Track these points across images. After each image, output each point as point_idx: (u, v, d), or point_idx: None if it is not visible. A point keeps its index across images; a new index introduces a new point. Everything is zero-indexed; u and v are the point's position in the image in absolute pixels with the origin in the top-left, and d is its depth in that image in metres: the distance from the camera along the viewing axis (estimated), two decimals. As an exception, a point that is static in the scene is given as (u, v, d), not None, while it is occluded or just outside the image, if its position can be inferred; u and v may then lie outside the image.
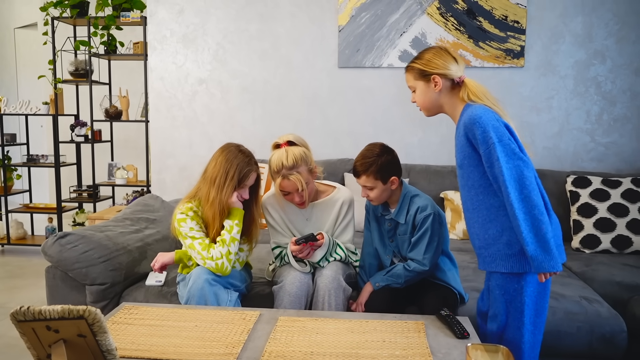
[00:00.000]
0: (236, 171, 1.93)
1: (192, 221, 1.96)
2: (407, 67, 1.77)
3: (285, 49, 3.51)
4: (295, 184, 1.98)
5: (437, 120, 3.39)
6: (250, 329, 1.60)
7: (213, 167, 1.96)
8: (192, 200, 2.03)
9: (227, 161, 1.94)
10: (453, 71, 1.68)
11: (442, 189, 3.13)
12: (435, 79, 1.68)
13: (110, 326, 1.61)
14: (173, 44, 3.61)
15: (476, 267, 2.45)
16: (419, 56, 1.74)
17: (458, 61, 1.70)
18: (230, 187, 1.93)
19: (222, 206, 1.94)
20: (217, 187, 1.92)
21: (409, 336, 1.55)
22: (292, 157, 1.97)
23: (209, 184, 1.95)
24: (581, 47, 3.25)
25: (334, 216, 2.14)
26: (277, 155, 2.00)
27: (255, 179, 2.02)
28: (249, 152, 2.02)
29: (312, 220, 2.15)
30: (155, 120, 3.70)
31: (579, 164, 3.31)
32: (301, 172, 1.99)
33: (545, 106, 3.32)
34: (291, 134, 2.08)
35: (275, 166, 1.99)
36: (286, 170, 1.97)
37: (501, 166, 1.49)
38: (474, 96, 1.65)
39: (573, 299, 2.07)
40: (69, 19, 4.30)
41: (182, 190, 3.65)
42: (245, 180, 1.96)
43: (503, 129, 1.55)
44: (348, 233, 2.16)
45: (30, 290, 3.47)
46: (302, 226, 2.15)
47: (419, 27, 3.34)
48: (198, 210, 2.01)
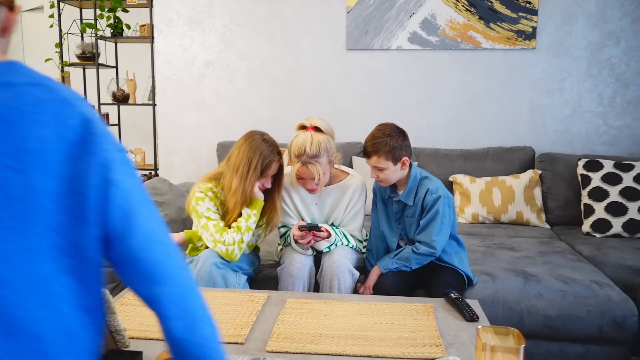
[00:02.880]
0: (259, 160, 1.91)
1: (210, 202, 1.95)
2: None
3: (293, 31, 3.47)
4: (312, 173, 1.94)
5: (446, 104, 3.36)
6: (259, 311, 1.60)
7: (236, 155, 1.94)
8: (213, 181, 2.01)
9: (251, 150, 1.92)
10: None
11: (451, 173, 3.10)
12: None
13: (119, 307, 1.61)
14: (180, 26, 3.58)
15: (486, 251, 2.44)
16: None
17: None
18: (253, 177, 1.92)
19: (245, 196, 1.93)
20: (240, 176, 1.91)
21: (417, 318, 1.54)
22: (316, 146, 1.91)
23: (232, 171, 1.94)
24: (595, 28, 3.19)
25: (345, 203, 2.10)
26: (302, 139, 1.93)
27: (277, 168, 2.00)
28: (273, 140, 1.99)
29: (321, 205, 2.13)
30: (162, 103, 3.68)
31: (590, 147, 3.27)
32: (321, 163, 1.94)
33: (556, 88, 3.27)
34: (320, 119, 2.00)
35: (297, 150, 1.93)
36: (307, 157, 1.92)
37: None
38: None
39: (583, 282, 2.05)
40: (75, 1, 4.27)
41: (190, 174, 3.65)
42: (267, 170, 1.94)
43: None
44: (357, 220, 2.13)
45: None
46: (311, 210, 2.14)
47: (429, 8, 3.28)
48: (217, 192, 2.00)
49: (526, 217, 2.93)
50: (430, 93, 3.36)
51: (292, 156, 1.97)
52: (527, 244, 2.57)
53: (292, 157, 1.97)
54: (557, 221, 3.00)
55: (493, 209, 2.94)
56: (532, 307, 2.00)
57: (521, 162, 3.09)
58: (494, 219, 2.96)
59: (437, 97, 3.36)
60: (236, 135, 3.54)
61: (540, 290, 2.02)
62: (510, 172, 3.07)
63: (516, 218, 2.94)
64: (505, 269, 2.18)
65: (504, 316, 2.00)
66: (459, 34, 3.28)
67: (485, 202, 2.95)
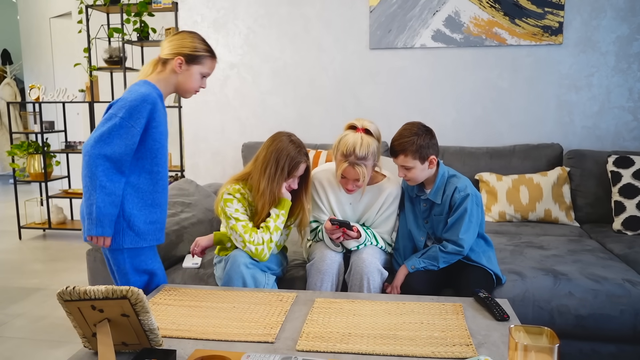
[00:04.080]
0: (287, 161, 1.93)
1: (238, 203, 1.97)
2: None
3: (316, 32, 3.48)
4: (358, 174, 1.94)
5: (471, 101, 3.33)
6: (288, 310, 1.61)
7: (264, 156, 1.97)
8: (240, 182, 2.03)
9: (278, 151, 1.94)
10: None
11: (477, 171, 3.07)
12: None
13: (151, 307, 1.64)
14: (204, 28, 3.62)
15: (514, 249, 2.41)
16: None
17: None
18: (280, 178, 1.94)
19: (273, 197, 1.95)
20: (268, 177, 1.93)
21: (447, 318, 1.54)
22: (365, 148, 1.92)
23: (259, 172, 1.96)
24: (624, 22, 3.12)
25: (379, 205, 2.11)
26: (352, 139, 1.93)
27: (304, 169, 2.02)
28: (300, 141, 2.01)
29: (355, 205, 2.14)
30: (187, 105, 3.73)
31: (620, 143, 3.20)
32: (367, 166, 1.95)
33: (584, 84, 3.21)
34: (370, 122, 2.00)
35: (346, 149, 1.93)
36: (355, 158, 1.92)
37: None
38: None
39: (616, 281, 2.02)
40: (102, 6, 4.36)
41: (216, 175, 3.69)
42: (295, 170, 1.96)
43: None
44: (389, 224, 2.13)
45: (71, 273, 3.58)
46: (344, 209, 2.15)
47: (453, 5, 3.25)
48: (245, 193, 2.02)
49: (555, 215, 2.88)
50: (455, 91, 3.34)
51: (339, 154, 1.96)
52: (556, 242, 2.54)
53: (339, 156, 1.96)
54: (587, 219, 2.94)
55: (520, 207, 2.90)
56: (563, 306, 1.97)
57: (549, 160, 3.05)
58: (521, 217, 2.92)
59: (462, 95, 3.34)
60: (260, 136, 3.59)
61: (571, 289, 1.99)
62: (538, 170, 3.02)
63: (544, 216, 2.89)
64: (535, 267, 2.15)
65: (534, 315, 1.98)
66: (483, 30, 3.25)
67: (512, 200, 2.91)
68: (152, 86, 1.77)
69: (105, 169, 1.66)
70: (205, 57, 1.84)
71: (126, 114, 1.67)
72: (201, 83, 1.88)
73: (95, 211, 1.66)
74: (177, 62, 1.79)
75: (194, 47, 1.81)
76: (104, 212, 1.67)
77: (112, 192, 1.68)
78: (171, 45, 1.81)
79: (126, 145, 1.68)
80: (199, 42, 1.83)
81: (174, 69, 1.81)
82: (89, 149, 1.66)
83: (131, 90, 1.72)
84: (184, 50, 1.80)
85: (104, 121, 1.69)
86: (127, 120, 1.67)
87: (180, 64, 1.79)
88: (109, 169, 1.67)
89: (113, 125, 1.66)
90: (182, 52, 1.79)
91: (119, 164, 1.69)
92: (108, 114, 1.69)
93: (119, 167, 1.69)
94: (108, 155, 1.66)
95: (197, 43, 1.83)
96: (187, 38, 1.82)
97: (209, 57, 1.85)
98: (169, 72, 1.81)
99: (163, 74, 1.82)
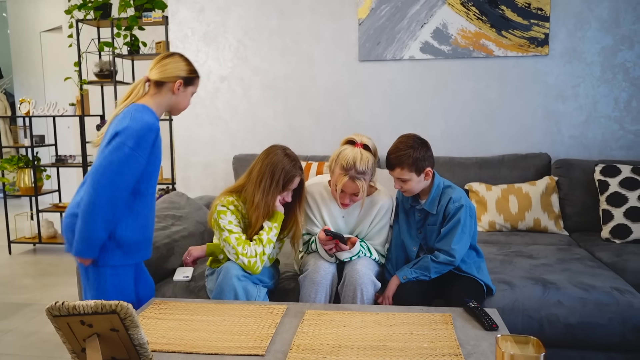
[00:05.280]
0: (281, 175, 1.94)
1: (232, 215, 1.98)
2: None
3: (305, 44, 3.51)
4: (357, 188, 1.96)
5: (459, 112, 3.37)
6: (278, 323, 1.61)
7: (259, 169, 1.98)
8: (234, 195, 2.04)
9: (273, 164, 1.95)
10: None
11: (467, 181, 3.10)
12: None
13: (141, 321, 1.64)
14: (195, 42, 3.64)
15: (503, 259, 2.43)
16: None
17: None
18: (275, 191, 1.95)
19: (268, 210, 1.96)
20: (263, 190, 1.94)
21: (436, 328, 1.55)
22: (365, 163, 1.94)
23: (254, 185, 1.97)
24: (608, 33, 3.18)
25: (371, 218, 2.12)
26: (352, 154, 1.95)
27: (299, 183, 2.03)
28: (294, 155, 2.02)
29: (347, 218, 2.15)
30: (178, 118, 3.74)
31: (607, 152, 3.25)
32: (366, 180, 1.98)
33: (571, 94, 3.26)
34: (368, 138, 2.03)
35: (346, 163, 1.94)
36: (355, 172, 1.94)
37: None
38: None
39: (604, 289, 2.04)
40: (93, 21, 4.38)
41: (207, 188, 3.69)
42: (289, 184, 1.97)
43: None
44: (381, 236, 2.15)
45: (62, 287, 3.56)
46: (337, 222, 2.16)
47: (440, 17, 3.30)
48: (239, 205, 2.03)
49: (544, 224, 2.91)
50: (444, 102, 3.37)
51: (339, 168, 1.97)
52: (545, 251, 2.56)
53: (338, 169, 1.97)
54: (576, 228, 2.97)
55: (510, 216, 2.93)
56: (552, 315, 1.98)
57: (537, 169, 3.08)
58: (511, 226, 2.94)
59: (451, 106, 3.37)
60: (251, 148, 3.60)
61: (560, 298, 2.00)
62: (526, 179, 3.05)
63: (533, 225, 2.92)
64: (524, 277, 2.17)
65: (524, 325, 1.99)
66: (470, 42, 3.29)
67: (501, 209, 2.94)
68: (152, 112, 1.82)
69: (111, 198, 1.69)
70: (197, 78, 1.95)
71: (135, 144, 1.71)
72: (189, 102, 1.98)
73: (93, 237, 1.70)
74: (177, 85, 1.87)
75: (190, 70, 1.92)
76: (100, 237, 1.71)
77: (111, 221, 1.72)
78: (167, 68, 1.87)
79: (132, 175, 1.73)
80: (191, 65, 1.94)
81: (172, 91, 1.87)
82: (100, 178, 1.69)
83: (135, 118, 1.75)
84: (182, 73, 1.88)
85: (112, 149, 1.71)
86: (136, 150, 1.72)
87: (179, 86, 1.87)
88: (114, 198, 1.70)
89: (123, 155, 1.70)
90: (181, 75, 1.88)
91: (124, 193, 1.73)
92: (116, 142, 1.71)
93: (123, 196, 1.73)
94: (117, 184, 1.70)
95: (191, 66, 1.93)
96: (182, 61, 1.90)
97: (198, 77, 1.97)
98: (165, 93, 1.88)
99: (159, 96, 1.88)
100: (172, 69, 1.87)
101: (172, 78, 1.86)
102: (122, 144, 1.70)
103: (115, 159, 1.69)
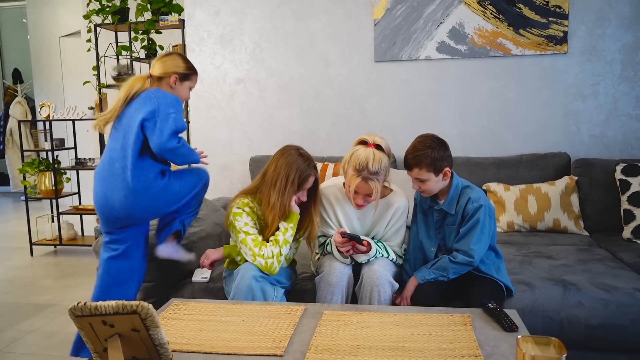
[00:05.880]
0: (296, 175, 1.96)
1: (247, 217, 1.99)
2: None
3: (321, 46, 3.51)
4: (371, 188, 1.95)
5: (477, 112, 3.34)
6: (296, 323, 1.62)
7: (273, 170, 1.99)
8: (249, 196, 2.05)
9: (287, 165, 1.97)
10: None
11: (484, 181, 3.07)
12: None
13: (161, 321, 1.65)
14: (211, 45, 3.67)
15: (522, 259, 2.40)
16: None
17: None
18: (290, 191, 1.96)
19: (284, 210, 1.97)
20: (278, 190, 1.95)
21: (455, 329, 1.54)
22: (378, 163, 1.93)
23: (269, 186, 1.98)
24: (629, 30, 3.13)
25: (387, 219, 2.12)
26: (364, 154, 1.93)
27: (313, 182, 2.03)
28: (308, 155, 2.03)
29: (363, 220, 2.15)
30: (195, 120, 3.77)
31: (628, 151, 3.19)
32: (379, 180, 1.96)
33: (591, 93, 3.21)
34: (381, 137, 2.02)
35: (359, 164, 1.93)
36: (368, 173, 1.93)
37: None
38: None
39: (626, 291, 2.00)
40: (111, 25, 4.44)
41: (224, 189, 3.71)
42: (304, 183, 1.99)
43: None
44: (398, 237, 2.14)
45: (83, 288, 3.61)
46: (353, 224, 2.15)
47: (457, 17, 3.28)
48: (254, 207, 2.04)
49: (563, 225, 2.87)
50: (461, 102, 3.35)
51: (351, 169, 1.96)
52: (565, 252, 2.53)
53: (350, 170, 1.96)
54: (596, 228, 2.93)
55: (529, 216, 2.89)
56: (573, 316, 1.95)
57: (556, 169, 3.04)
58: (530, 227, 2.91)
59: (468, 106, 3.35)
60: (268, 150, 3.62)
61: (581, 299, 1.98)
62: (545, 179, 3.02)
63: (553, 225, 2.88)
64: (544, 277, 2.14)
65: (544, 326, 1.97)
66: (488, 41, 3.26)
67: (520, 210, 2.91)
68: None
69: (183, 144, 2.11)
70: (193, 74, 2.25)
71: (175, 109, 2.06)
72: (189, 94, 2.28)
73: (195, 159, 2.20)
74: (173, 79, 2.18)
75: (186, 67, 2.22)
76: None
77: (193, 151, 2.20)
78: (166, 65, 2.18)
79: (184, 128, 2.11)
80: (188, 63, 2.24)
81: (169, 84, 2.18)
82: (169, 144, 2.03)
83: (159, 96, 2.08)
84: (179, 69, 2.19)
85: (161, 122, 2.02)
86: (178, 114, 2.08)
87: (175, 81, 2.18)
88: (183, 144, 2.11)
89: (173, 119, 2.04)
90: (177, 71, 2.19)
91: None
92: (163, 114, 2.03)
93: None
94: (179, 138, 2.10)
95: (187, 64, 2.23)
96: (179, 59, 2.21)
97: (195, 74, 2.27)
98: (165, 87, 2.18)
99: (160, 89, 2.18)
100: (170, 65, 2.18)
101: (169, 74, 2.17)
102: (167, 114, 2.03)
103: (171, 124, 2.02)
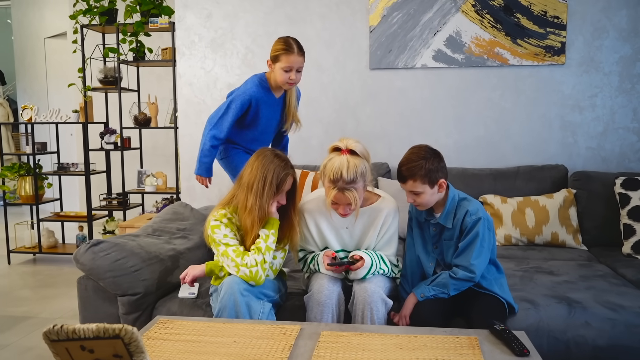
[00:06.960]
0: (274, 175, 1.85)
1: (226, 228, 1.89)
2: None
3: (315, 52, 3.43)
4: (348, 199, 1.83)
5: (473, 122, 3.27)
6: (292, 345, 1.51)
7: (249, 174, 1.88)
8: (226, 207, 1.95)
9: (264, 167, 1.86)
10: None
11: (481, 193, 3.00)
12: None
13: (145, 342, 1.54)
14: (201, 49, 3.57)
15: (523, 275, 2.33)
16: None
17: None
18: (269, 193, 1.85)
19: (263, 213, 1.86)
20: (256, 193, 1.85)
21: (462, 353, 1.44)
22: (352, 171, 1.80)
23: (246, 190, 1.88)
24: (626, 42, 3.09)
25: (377, 227, 2.00)
26: (337, 164, 1.81)
27: (292, 183, 1.93)
28: (285, 156, 1.93)
29: (352, 229, 2.04)
30: (184, 126, 3.66)
31: (625, 164, 3.15)
32: (357, 188, 1.84)
33: (588, 104, 3.17)
34: (355, 141, 1.88)
35: (333, 175, 1.81)
36: (343, 183, 1.81)
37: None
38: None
39: (633, 309, 1.93)
40: (98, 26, 4.31)
41: (212, 198, 3.60)
42: (283, 184, 1.88)
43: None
44: (392, 246, 2.03)
45: (62, 299, 3.45)
46: (341, 234, 2.05)
47: (454, 25, 3.22)
48: (232, 217, 1.94)
49: (562, 239, 2.80)
50: (457, 111, 3.29)
51: (326, 181, 1.86)
52: (565, 267, 2.45)
53: (326, 182, 1.86)
54: (595, 242, 2.86)
55: (526, 230, 2.82)
56: (580, 337, 1.87)
57: (553, 181, 2.98)
58: (527, 240, 2.84)
59: (464, 116, 3.28)
60: (259, 158, 3.51)
61: (588, 319, 1.90)
62: (543, 192, 2.95)
63: (551, 239, 2.82)
64: (547, 295, 2.06)
65: (549, 347, 1.88)
66: (485, 51, 3.21)
67: (517, 223, 2.83)
68: (255, 82, 2.50)
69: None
70: (281, 54, 2.38)
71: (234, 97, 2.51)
72: (287, 76, 2.41)
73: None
74: (268, 63, 2.46)
75: (274, 49, 2.41)
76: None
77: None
78: (271, 50, 2.44)
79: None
80: (278, 44, 2.40)
81: (269, 68, 2.47)
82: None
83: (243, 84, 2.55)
84: (271, 53, 2.42)
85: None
86: (233, 102, 2.51)
87: (269, 64, 2.46)
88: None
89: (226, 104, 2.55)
90: (270, 55, 2.43)
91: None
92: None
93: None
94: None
95: (276, 45, 2.41)
96: (275, 44, 2.42)
97: (284, 53, 2.38)
98: (270, 70, 2.48)
99: (269, 72, 2.51)
100: (271, 50, 2.44)
101: (269, 58, 2.45)
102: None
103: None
